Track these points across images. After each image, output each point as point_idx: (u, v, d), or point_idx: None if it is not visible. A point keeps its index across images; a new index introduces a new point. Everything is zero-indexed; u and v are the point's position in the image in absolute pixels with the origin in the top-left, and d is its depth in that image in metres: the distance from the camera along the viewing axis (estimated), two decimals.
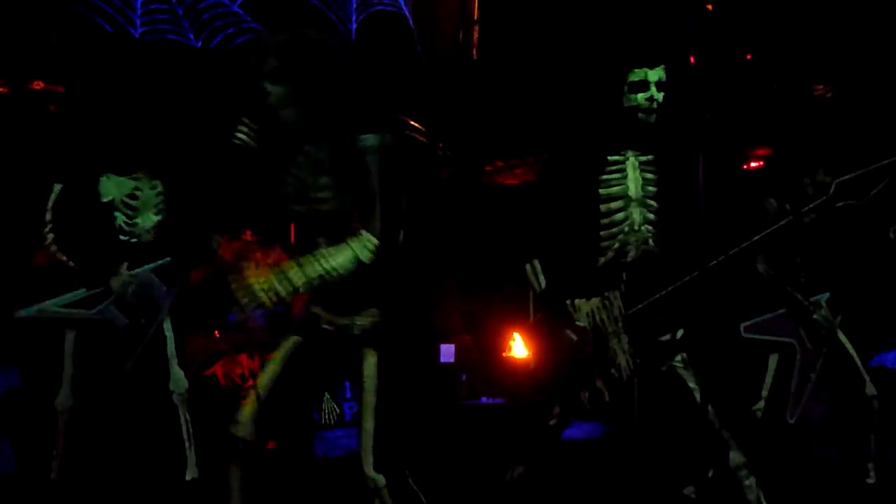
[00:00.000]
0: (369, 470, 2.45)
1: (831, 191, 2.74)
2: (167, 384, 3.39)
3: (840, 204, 2.73)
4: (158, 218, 3.39)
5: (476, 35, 6.48)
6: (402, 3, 6.26)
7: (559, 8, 6.03)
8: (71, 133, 3.50)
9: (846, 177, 2.73)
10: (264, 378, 2.50)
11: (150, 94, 3.53)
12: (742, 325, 3.67)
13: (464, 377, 5.52)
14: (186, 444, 3.34)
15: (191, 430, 3.36)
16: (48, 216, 3.31)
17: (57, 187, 3.33)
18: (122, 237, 3.36)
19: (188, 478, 3.32)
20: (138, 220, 3.37)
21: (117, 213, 3.35)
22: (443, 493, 3.68)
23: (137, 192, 3.36)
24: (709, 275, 2.55)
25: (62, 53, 4.98)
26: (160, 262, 3.38)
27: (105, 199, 3.34)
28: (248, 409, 2.46)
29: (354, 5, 5.98)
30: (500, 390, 5.42)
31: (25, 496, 3.50)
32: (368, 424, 2.47)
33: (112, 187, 3.34)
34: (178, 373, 3.40)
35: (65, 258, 3.30)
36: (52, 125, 4.55)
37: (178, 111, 3.59)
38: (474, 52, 6.46)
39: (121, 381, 3.35)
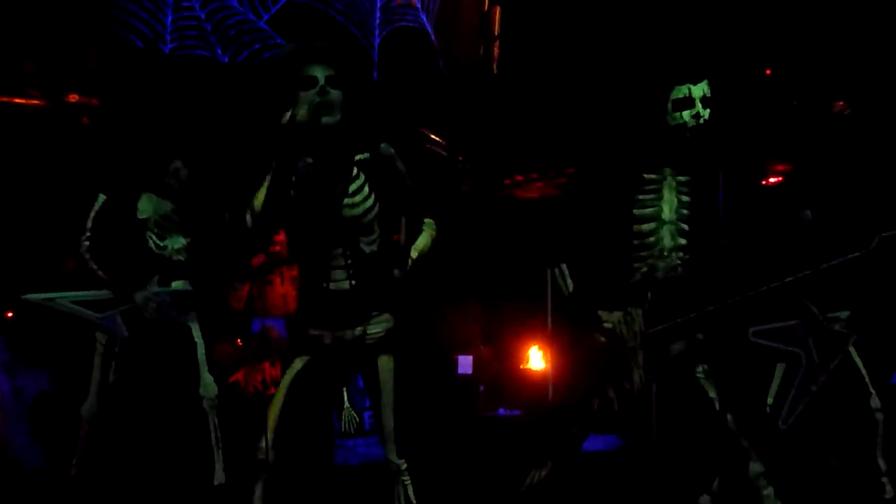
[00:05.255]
0: (392, 456, 2.62)
1: (873, 244, 2.62)
2: (197, 390, 3.41)
3: (879, 259, 2.61)
4: (186, 241, 3.42)
5: (497, 50, 6.55)
6: (424, 18, 6.36)
7: (579, 24, 6.08)
8: (118, 147, 3.54)
9: (889, 233, 2.59)
10: (276, 404, 2.59)
11: (182, 109, 3.58)
12: (751, 330, 3.65)
13: (482, 388, 5.56)
14: (215, 450, 3.36)
15: (219, 436, 3.38)
16: (89, 223, 3.35)
17: (102, 197, 3.38)
18: (154, 254, 3.39)
19: (216, 483, 3.34)
20: (167, 241, 3.41)
21: (149, 232, 3.39)
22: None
23: (173, 215, 3.42)
24: (740, 304, 2.56)
25: (97, 69, 5.09)
26: (180, 288, 3.41)
27: (141, 217, 3.38)
28: (267, 435, 2.57)
29: (378, 21, 6.09)
30: (518, 402, 5.45)
31: (56, 495, 3.56)
32: (389, 422, 2.62)
33: (149, 206, 3.39)
34: (207, 378, 3.41)
35: (95, 267, 3.34)
36: (86, 136, 4.63)
37: (208, 128, 3.64)
38: (494, 66, 6.53)
39: (149, 389, 3.40)
